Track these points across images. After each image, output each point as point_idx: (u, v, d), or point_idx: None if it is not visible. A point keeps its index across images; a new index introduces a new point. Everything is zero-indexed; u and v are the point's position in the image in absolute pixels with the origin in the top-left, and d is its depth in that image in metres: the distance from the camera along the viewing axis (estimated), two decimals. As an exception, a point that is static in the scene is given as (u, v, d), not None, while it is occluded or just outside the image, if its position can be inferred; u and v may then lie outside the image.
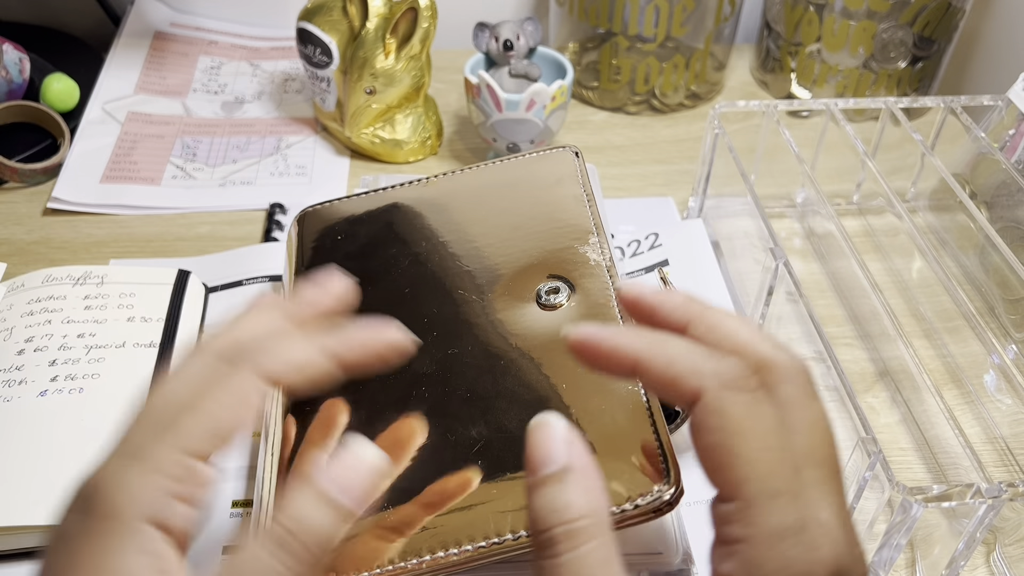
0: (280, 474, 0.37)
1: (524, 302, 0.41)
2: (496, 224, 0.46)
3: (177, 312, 0.50)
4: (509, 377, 0.38)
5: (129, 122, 0.69)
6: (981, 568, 0.43)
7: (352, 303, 0.32)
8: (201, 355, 0.29)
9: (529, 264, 0.43)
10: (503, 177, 0.49)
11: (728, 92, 0.78)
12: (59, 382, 0.45)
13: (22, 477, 0.41)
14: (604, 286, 0.41)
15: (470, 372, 0.39)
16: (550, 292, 0.41)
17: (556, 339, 0.39)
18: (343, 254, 0.46)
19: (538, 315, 0.40)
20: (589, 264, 0.42)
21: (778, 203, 0.63)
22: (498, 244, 0.44)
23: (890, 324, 0.45)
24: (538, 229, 0.45)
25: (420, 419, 0.37)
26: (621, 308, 0.39)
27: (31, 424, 0.43)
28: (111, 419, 0.43)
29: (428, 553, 0.33)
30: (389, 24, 0.61)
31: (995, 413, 0.49)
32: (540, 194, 0.47)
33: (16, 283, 0.51)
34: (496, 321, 0.41)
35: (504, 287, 0.42)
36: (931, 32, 0.68)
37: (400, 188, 0.49)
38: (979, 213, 0.52)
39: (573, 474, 0.25)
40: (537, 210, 0.46)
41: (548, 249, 0.43)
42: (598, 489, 0.25)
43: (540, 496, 0.25)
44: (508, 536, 0.33)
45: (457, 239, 0.45)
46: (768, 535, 0.25)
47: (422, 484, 0.35)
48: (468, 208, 0.47)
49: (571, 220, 0.45)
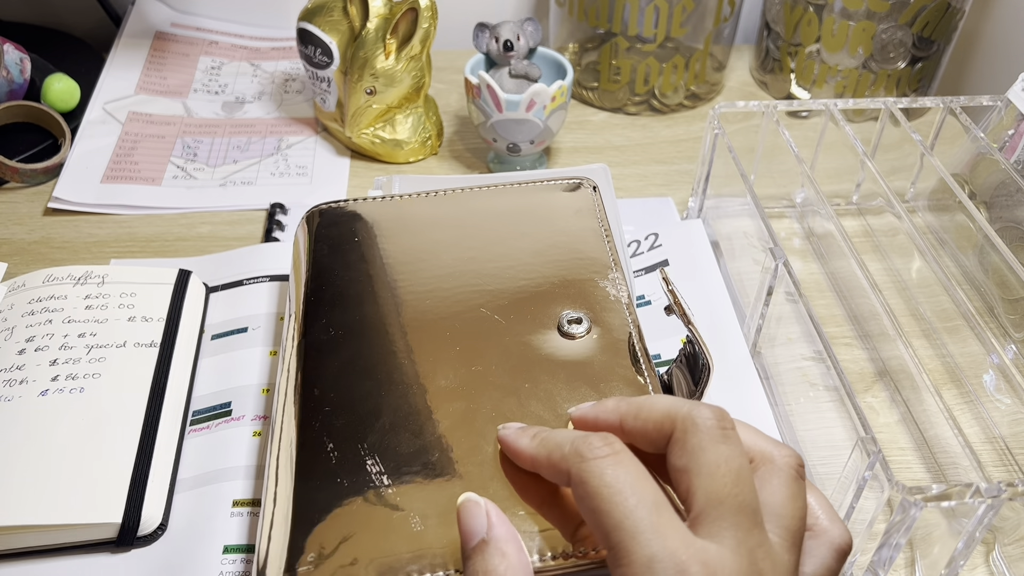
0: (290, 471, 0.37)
1: (546, 328, 0.42)
2: (516, 247, 0.46)
3: (178, 312, 0.50)
4: (535, 402, 0.38)
5: (130, 122, 0.70)
6: (980, 568, 0.43)
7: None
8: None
9: (550, 292, 0.44)
10: (522, 201, 0.50)
11: (728, 92, 0.78)
12: (60, 381, 0.45)
13: (22, 477, 0.41)
14: (624, 322, 0.42)
15: (496, 392, 0.39)
16: (572, 322, 0.42)
17: (579, 368, 0.40)
18: (360, 256, 0.46)
19: (559, 343, 0.41)
20: (609, 299, 0.43)
21: (777, 203, 0.63)
22: (519, 267, 0.45)
23: (889, 324, 0.45)
24: (558, 258, 0.46)
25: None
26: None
27: (32, 423, 0.43)
28: (112, 418, 0.43)
29: (442, 570, 0.33)
30: (389, 24, 0.61)
31: (994, 413, 0.49)
32: (560, 224, 0.48)
33: (17, 283, 0.51)
34: (519, 343, 0.41)
35: (526, 311, 0.43)
36: (930, 32, 0.68)
37: (416, 198, 0.50)
38: (978, 213, 0.52)
39: (490, 544, 0.30)
40: (557, 239, 0.47)
41: (568, 279, 0.44)
42: (515, 551, 0.30)
43: (468, 566, 0.30)
44: (535, 557, 0.32)
45: (477, 257, 0.46)
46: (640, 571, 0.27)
47: (450, 499, 0.34)
48: (487, 227, 0.48)
49: (590, 253, 0.46)
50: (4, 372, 0.45)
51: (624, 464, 0.29)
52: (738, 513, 0.27)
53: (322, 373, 0.41)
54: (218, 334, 0.51)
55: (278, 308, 0.52)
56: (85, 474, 0.41)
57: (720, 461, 0.28)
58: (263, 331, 0.51)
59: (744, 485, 0.28)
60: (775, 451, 0.31)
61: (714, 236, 0.58)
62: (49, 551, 0.40)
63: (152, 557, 0.40)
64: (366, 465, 0.36)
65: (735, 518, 0.27)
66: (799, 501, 0.30)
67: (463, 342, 0.41)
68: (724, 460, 0.28)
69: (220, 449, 0.45)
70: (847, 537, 0.31)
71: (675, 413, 0.30)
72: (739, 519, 0.27)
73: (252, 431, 0.45)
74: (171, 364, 0.47)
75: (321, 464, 0.37)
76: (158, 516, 0.41)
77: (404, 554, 0.33)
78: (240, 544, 0.41)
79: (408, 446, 0.37)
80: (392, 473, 0.36)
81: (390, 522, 0.34)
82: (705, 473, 0.28)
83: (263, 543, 0.35)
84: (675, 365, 0.42)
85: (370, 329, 0.42)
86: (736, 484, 0.28)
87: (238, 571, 0.40)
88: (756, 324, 0.50)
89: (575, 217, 0.48)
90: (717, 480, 0.28)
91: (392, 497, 0.35)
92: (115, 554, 0.41)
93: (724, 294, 0.53)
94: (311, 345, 0.42)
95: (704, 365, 0.39)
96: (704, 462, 0.28)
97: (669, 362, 0.49)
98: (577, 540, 0.32)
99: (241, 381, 0.48)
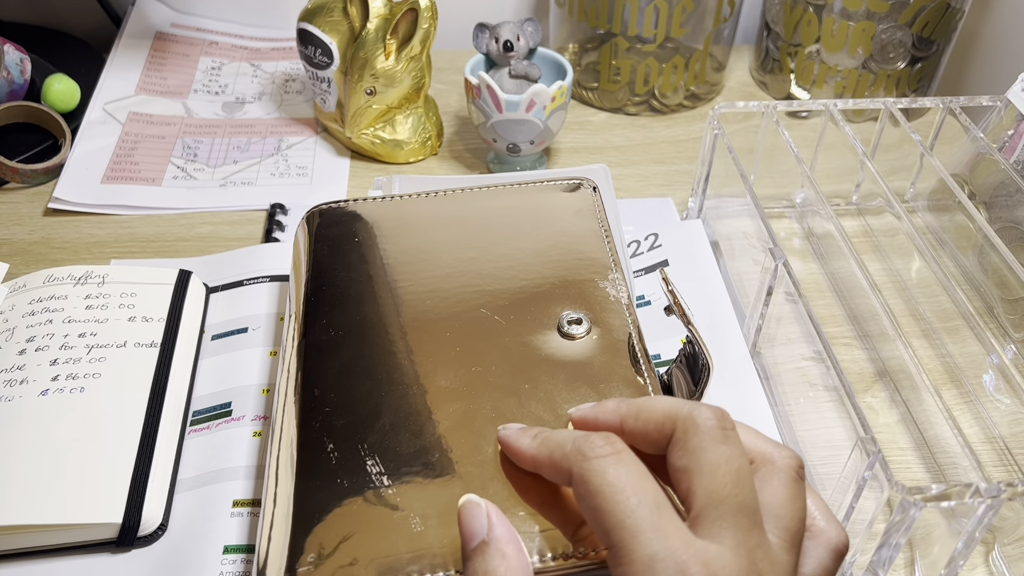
0: (290, 471, 0.37)
1: (546, 329, 0.42)
2: (517, 247, 0.46)
3: (178, 312, 0.50)
4: (535, 402, 0.38)
5: (130, 123, 0.70)
6: (980, 568, 0.43)
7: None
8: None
9: (550, 292, 0.44)
10: (522, 201, 0.49)
11: (727, 93, 0.78)
12: (60, 381, 0.45)
13: (23, 476, 0.41)
14: (624, 323, 0.42)
15: (496, 392, 0.39)
16: (572, 322, 0.42)
17: (579, 369, 0.40)
18: (360, 257, 0.46)
19: (560, 343, 0.41)
20: (609, 300, 0.43)
21: (777, 203, 0.63)
22: (519, 268, 0.45)
23: (889, 324, 0.45)
24: (558, 259, 0.46)
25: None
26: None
27: (32, 423, 0.43)
28: (112, 418, 0.43)
29: (442, 570, 0.33)
30: (389, 25, 0.61)
31: (994, 413, 0.49)
32: (560, 224, 0.48)
33: (18, 283, 0.51)
34: (519, 344, 0.41)
35: (526, 312, 0.43)
36: (930, 33, 0.68)
37: (415, 198, 0.50)
38: (978, 213, 0.52)
39: (491, 545, 0.30)
40: (557, 239, 0.47)
41: (568, 280, 0.44)
42: (514, 552, 0.30)
43: (468, 567, 0.30)
44: (536, 558, 0.32)
45: (478, 257, 0.46)
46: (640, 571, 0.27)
47: (450, 500, 0.35)
48: (487, 227, 0.48)
49: (590, 254, 0.46)
50: (5, 372, 0.45)
51: (626, 463, 0.29)
52: (738, 513, 0.27)
53: (322, 373, 0.41)
54: (218, 334, 0.51)
55: (278, 308, 0.52)
56: (86, 474, 0.41)
57: (721, 461, 0.28)
58: (263, 331, 0.51)
59: (744, 485, 0.28)
60: (775, 452, 0.31)
61: (714, 236, 0.58)
62: (49, 551, 0.40)
63: (152, 557, 0.40)
64: (366, 465, 0.36)
65: (735, 518, 0.27)
66: (799, 502, 0.30)
67: (463, 342, 0.41)
68: (725, 460, 0.28)
69: (220, 449, 0.45)
70: (844, 537, 0.31)
71: (676, 414, 0.30)
72: (739, 519, 0.27)
73: (252, 431, 0.45)
74: (171, 364, 0.47)
75: (321, 464, 0.37)
76: (158, 516, 0.41)
77: (404, 554, 0.33)
78: (240, 544, 0.41)
79: (408, 446, 0.37)
80: (392, 473, 0.36)
81: (390, 522, 0.34)
82: (706, 473, 0.28)
83: (263, 543, 0.35)
84: (675, 365, 0.42)
85: (370, 329, 0.42)
86: (736, 484, 0.28)
87: (238, 571, 0.40)
88: (756, 324, 0.50)
89: (575, 217, 0.48)
90: (717, 480, 0.28)
91: (392, 497, 0.35)
92: (115, 554, 0.41)
93: (724, 294, 0.54)
94: (311, 345, 0.42)
95: (704, 365, 0.39)
96: (705, 462, 0.28)
97: (669, 362, 0.49)
98: (577, 540, 0.33)
99: (241, 381, 0.48)
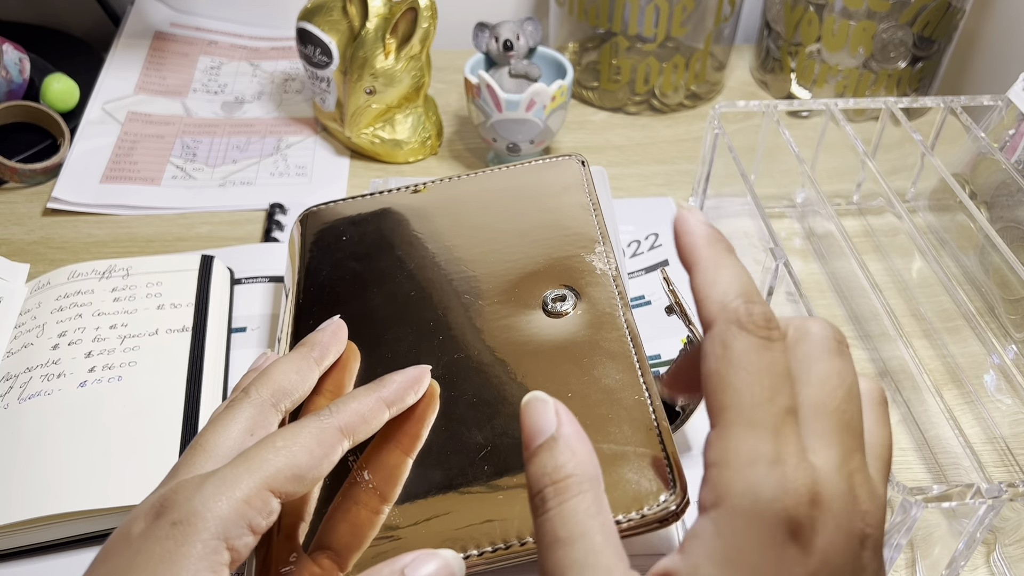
0: None
1: (530, 309, 0.41)
2: (502, 230, 0.46)
3: (206, 296, 0.51)
4: (515, 384, 0.38)
5: (129, 122, 0.70)
6: (981, 568, 0.43)
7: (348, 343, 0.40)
8: (251, 402, 0.34)
9: (535, 271, 0.43)
10: (509, 184, 0.49)
11: (728, 92, 0.78)
12: (97, 372, 0.45)
13: (74, 464, 0.41)
14: (610, 295, 0.41)
15: (476, 377, 0.39)
16: (556, 300, 0.41)
17: (562, 346, 0.39)
18: (347, 255, 0.46)
19: (544, 322, 0.40)
20: (595, 273, 0.42)
21: (778, 203, 0.63)
22: (504, 250, 0.44)
23: (890, 324, 0.45)
24: (544, 236, 0.45)
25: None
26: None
27: (76, 414, 0.43)
28: (154, 402, 0.44)
29: None
30: (389, 24, 0.61)
31: (995, 413, 0.49)
32: (546, 202, 0.47)
33: (41, 281, 0.52)
34: (502, 327, 0.41)
35: (510, 293, 0.42)
36: (931, 32, 0.68)
37: (404, 192, 0.50)
38: (979, 213, 0.52)
39: (560, 440, 0.27)
40: (543, 217, 0.46)
41: (554, 257, 0.43)
42: (584, 450, 0.27)
43: (532, 464, 0.27)
44: (515, 542, 0.32)
45: (462, 244, 0.45)
46: (738, 460, 0.25)
47: (428, 488, 0.35)
48: (473, 213, 0.47)
49: (577, 228, 0.45)
50: (40, 368, 0.46)
51: (774, 351, 0.26)
52: (844, 431, 0.26)
53: None
54: (217, 334, 0.51)
55: (277, 308, 0.52)
56: (135, 457, 0.42)
57: (833, 373, 0.26)
58: (262, 331, 0.51)
59: (854, 403, 0.26)
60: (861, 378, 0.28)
61: (714, 236, 0.58)
62: (100, 537, 0.41)
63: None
64: (347, 461, 0.36)
65: (841, 436, 0.25)
66: (885, 428, 0.28)
67: (445, 331, 0.41)
68: (837, 372, 0.26)
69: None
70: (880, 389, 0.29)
71: (788, 320, 0.28)
72: (844, 438, 0.25)
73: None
74: (204, 346, 0.48)
75: None
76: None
77: (388, 553, 0.33)
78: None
79: None
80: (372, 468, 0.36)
81: (373, 520, 0.34)
82: (815, 382, 0.26)
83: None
84: (675, 365, 0.42)
85: (355, 326, 0.42)
86: (847, 400, 0.26)
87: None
88: (756, 324, 0.50)
89: (563, 193, 0.47)
90: (827, 391, 0.26)
91: (372, 492, 0.35)
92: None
93: (724, 294, 0.53)
94: None
95: (704, 365, 0.39)
96: (815, 371, 0.26)
97: (669, 362, 0.49)
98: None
99: (240, 381, 0.48)
